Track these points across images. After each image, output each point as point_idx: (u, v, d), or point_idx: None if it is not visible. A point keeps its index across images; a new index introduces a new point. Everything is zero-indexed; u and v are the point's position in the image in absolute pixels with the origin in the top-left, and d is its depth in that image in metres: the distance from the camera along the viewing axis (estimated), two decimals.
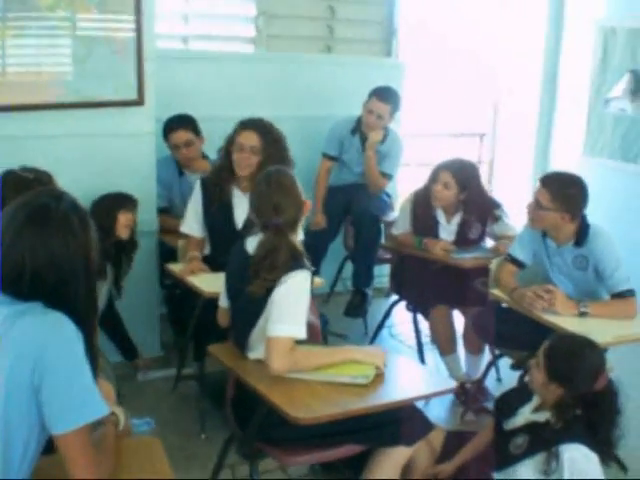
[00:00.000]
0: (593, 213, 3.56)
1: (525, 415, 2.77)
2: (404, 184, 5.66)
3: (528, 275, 3.73)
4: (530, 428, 2.70)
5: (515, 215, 5.76)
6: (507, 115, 6.39)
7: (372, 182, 4.84)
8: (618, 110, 5.41)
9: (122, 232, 3.74)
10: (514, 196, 6.18)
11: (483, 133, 7.19)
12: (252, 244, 2.79)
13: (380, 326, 4.67)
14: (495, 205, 4.24)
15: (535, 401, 2.77)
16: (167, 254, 4.15)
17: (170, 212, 4.46)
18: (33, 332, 1.75)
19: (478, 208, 4.16)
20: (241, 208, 3.76)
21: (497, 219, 4.22)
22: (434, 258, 4.12)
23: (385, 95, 4.73)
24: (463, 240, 4.19)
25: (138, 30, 3.92)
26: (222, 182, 3.73)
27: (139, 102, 4.02)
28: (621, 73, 5.37)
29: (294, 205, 2.75)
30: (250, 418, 2.70)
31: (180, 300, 3.91)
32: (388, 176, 4.91)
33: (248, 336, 2.76)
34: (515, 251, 3.70)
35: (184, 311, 3.80)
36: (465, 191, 4.09)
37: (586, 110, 5.68)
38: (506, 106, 6.38)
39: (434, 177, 4.15)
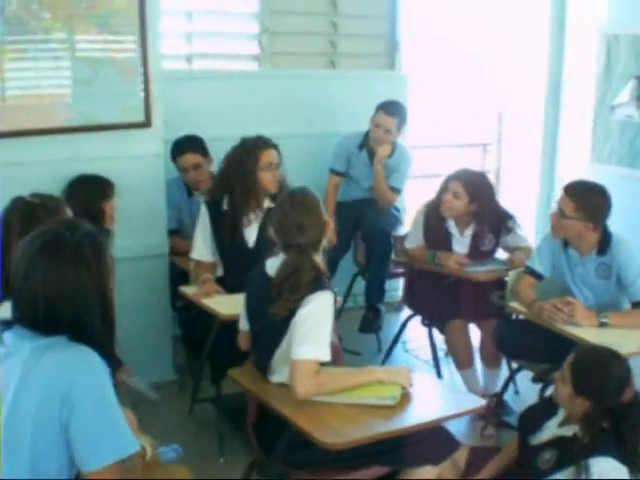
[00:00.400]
0: None
1: (551, 430, 2.73)
2: (410, 197, 5.63)
3: (546, 287, 3.70)
4: (557, 443, 2.66)
5: (523, 225, 5.75)
6: (512, 124, 6.36)
7: (381, 197, 4.81)
8: (625, 117, 5.38)
9: (109, 223, 3.67)
10: (521, 205, 6.16)
11: (486, 143, 7.19)
12: (272, 265, 2.75)
13: (395, 341, 4.63)
14: (508, 216, 4.20)
15: (561, 415, 2.74)
16: (178, 276, 4.11)
17: (180, 233, 4.42)
18: (60, 367, 1.72)
19: (490, 219, 4.13)
20: (251, 226, 3.74)
21: (510, 230, 4.18)
22: (448, 272, 4.09)
23: (392, 109, 4.72)
24: (476, 252, 4.15)
25: (144, 51, 3.91)
26: (247, 204, 3.69)
27: (146, 124, 4.00)
28: (626, 79, 5.34)
29: (317, 225, 2.72)
30: (273, 441, 2.66)
31: (195, 322, 3.87)
32: (397, 190, 4.88)
33: (270, 359, 2.72)
34: (534, 263, 3.68)
35: (199, 333, 3.75)
36: (476, 201, 4.05)
37: (592, 117, 5.65)
38: (511, 115, 6.35)
39: (444, 187, 4.12)
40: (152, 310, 4.15)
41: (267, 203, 3.76)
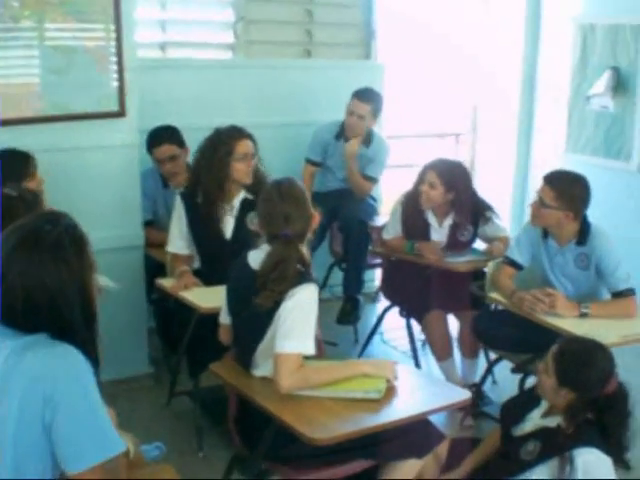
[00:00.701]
0: None
1: (534, 421, 2.73)
2: (385, 187, 5.61)
3: (525, 277, 3.70)
4: (541, 433, 2.66)
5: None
6: (487, 114, 6.35)
7: (357, 188, 4.79)
8: (600, 107, 5.40)
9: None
10: (496, 195, 6.16)
11: (459, 133, 7.18)
12: (255, 258, 2.71)
13: (372, 332, 4.61)
14: (486, 206, 4.19)
15: (544, 406, 2.73)
16: (154, 268, 4.06)
17: (155, 224, 4.36)
18: (42, 366, 1.66)
19: (468, 209, 4.11)
20: (226, 218, 3.70)
21: (488, 220, 4.17)
22: (427, 263, 4.07)
23: (365, 95, 4.69)
24: (455, 243, 4.14)
25: (118, 39, 3.83)
26: (221, 195, 3.64)
27: (121, 114, 3.92)
28: (601, 70, 5.36)
29: (304, 217, 2.69)
30: (255, 436, 2.63)
31: (171, 314, 3.81)
32: (373, 180, 4.86)
33: (253, 353, 2.68)
34: (513, 253, 3.68)
35: (176, 326, 3.70)
36: (452, 190, 4.03)
37: (567, 107, 5.67)
38: (486, 105, 6.34)
39: (421, 178, 4.10)
40: (127, 302, 4.08)
41: (242, 194, 3.72)
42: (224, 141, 3.62)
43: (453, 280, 4.03)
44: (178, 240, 3.73)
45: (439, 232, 4.16)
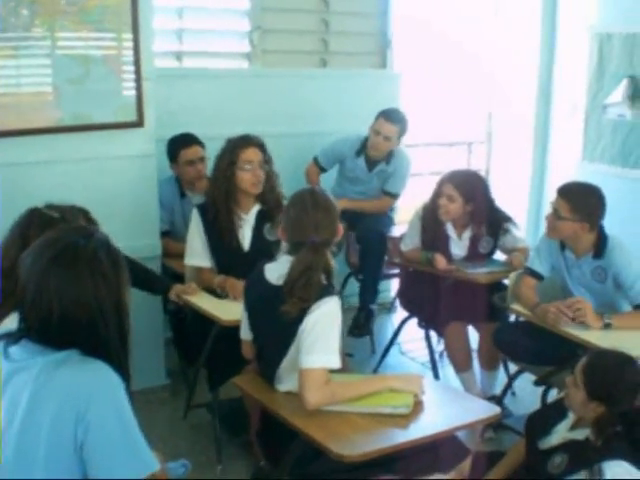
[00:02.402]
0: None
1: (561, 433, 2.68)
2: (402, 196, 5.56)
3: (546, 288, 3.67)
4: (569, 446, 2.62)
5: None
6: (503, 123, 6.31)
7: (376, 211, 4.80)
8: (617, 116, 5.35)
9: None
10: (512, 205, 6.12)
11: (472, 142, 7.14)
12: (272, 271, 2.67)
13: (390, 343, 4.57)
14: (505, 217, 4.15)
15: (571, 418, 2.69)
16: (171, 278, 4.02)
17: (172, 235, 4.33)
18: (74, 384, 1.63)
19: (488, 220, 4.08)
20: (244, 229, 3.67)
21: (507, 231, 4.13)
22: (443, 274, 4.03)
23: (393, 116, 4.65)
24: (475, 254, 4.11)
25: (136, 49, 3.82)
26: (232, 205, 3.61)
27: (139, 123, 3.91)
28: (618, 79, 5.31)
29: (332, 227, 2.66)
30: (278, 451, 2.59)
31: (188, 326, 3.77)
32: (393, 195, 4.84)
33: (277, 368, 2.64)
34: (533, 263, 3.65)
35: (193, 338, 3.66)
36: (471, 202, 4.00)
37: (583, 116, 5.63)
38: (501, 114, 6.30)
39: (438, 191, 4.06)
40: (144, 313, 4.03)
41: (258, 206, 3.69)
42: (229, 150, 3.59)
43: (472, 292, 3.98)
44: (200, 252, 3.68)
45: (459, 245, 4.12)
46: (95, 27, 3.75)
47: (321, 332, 2.49)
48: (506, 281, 3.89)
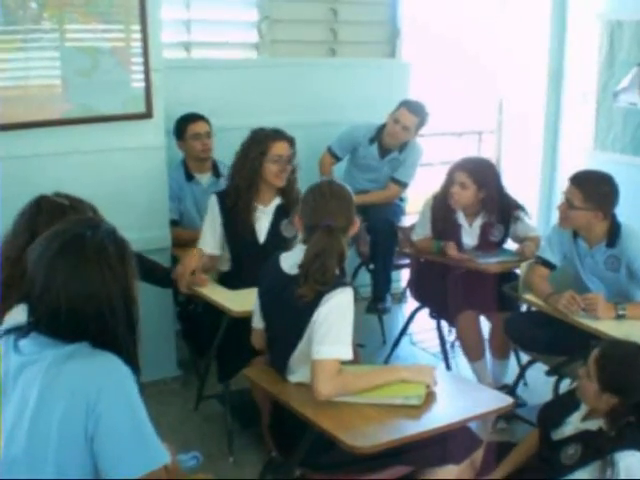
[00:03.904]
0: None
1: (574, 424, 2.67)
2: (411, 185, 5.53)
3: (558, 278, 3.64)
4: (582, 437, 2.60)
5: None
6: (513, 112, 6.28)
7: (384, 201, 4.79)
8: (628, 104, 5.32)
9: None
10: (523, 194, 6.09)
11: (482, 131, 7.10)
12: (287, 260, 2.66)
13: (401, 334, 4.56)
14: (516, 205, 4.13)
15: (584, 409, 2.67)
16: None
17: (182, 224, 4.32)
18: (85, 377, 1.62)
19: (499, 208, 4.06)
20: (262, 221, 3.67)
21: (518, 220, 4.11)
22: (455, 263, 4.01)
23: (415, 107, 4.64)
24: (486, 243, 4.08)
25: (144, 40, 3.79)
26: (253, 194, 3.61)
27: (148, 115, 3.89)
28: (629, 66, 5.28)
29: (347, 214, 2.65)
30: (290, 442, 2.59)
31: (198, 317, 3.77)
32: (402, 184, 4.81)
33: (288, 358, 2.63)
34: (545, 253, 3.63)
35: (204, 329, 3.66)
36: (483, 189, 3.98)
37: (594, 105, 5.59)
38: (512, 103, 6.27)
39: (450, 179, 4.04)
40: (154, 305, 4.04)
41: (278, 200, 3.69)
42: (260, 140, 3.59)
43: (483, 281, 3.95)
44: (211, 241, 3.68)
45: (470, 233, 4.10)
46: (103, 19, 3.73)
47: (333, 323, 2.48)
48: (518, 270, 3.87)
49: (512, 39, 6.09)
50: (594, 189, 3.37)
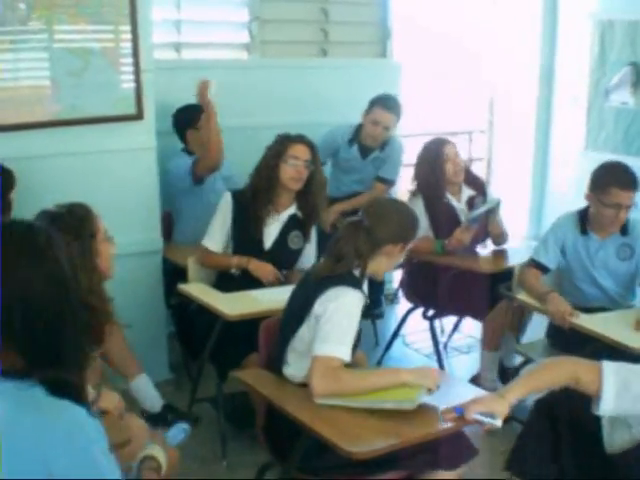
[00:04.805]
0: None
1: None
2: (399, 186, 5.51)
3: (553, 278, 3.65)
4: None
5: (514, 212, 5.69)
6: (504, 111, 6.28)
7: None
8: (619, 104, 5.33)
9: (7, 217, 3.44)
10: (514, 194, 6.10)
11: (472, 131, 7.10)
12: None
13: (394, 335, 4.54)
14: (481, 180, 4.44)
15: None
16: (172, 272, 4.00)
17: (176, 221, 4.34)
18: (36, 435, 1.41)
19: (474, 175, 4.34)
20: (272, 227, 3.65)
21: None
22: (449, 264, 4.01)
23: (391, 104, 4.60)
24: None
25: (134, 41, 3.78)
26: (271, 197, 3.60)
27: (138, 116, 3.87)
28: (620, 66, 5.30)
29: (390, 232, 2.65)
30: (285, 445, 2.56)
31: (192, 320, 3.74)
32: (387, 181, 4.79)
33: (286, 347, 2.65)
34: (539, 255, 3.63)
35: (199, 331, 3.63)
36: (464, 160, 4.30)
37: (586, 104, 5.60)
38: (503, 102, 6.27)
39: (442, 158, 4.10)
40: (146, 308, 4.03)
41: (292, 209, 3.67)
42: (278, 142, 3.60)
43: (475, 283, 3.97)
44: (219, 236, 3.64)
45: (463, 211, 4.18)
46: (93, 19, 3.70)
47: (339, 323, 2.50)
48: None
49: (503, 38, 6.09)
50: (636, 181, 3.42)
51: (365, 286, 2.71)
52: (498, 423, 2.32)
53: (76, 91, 3.69)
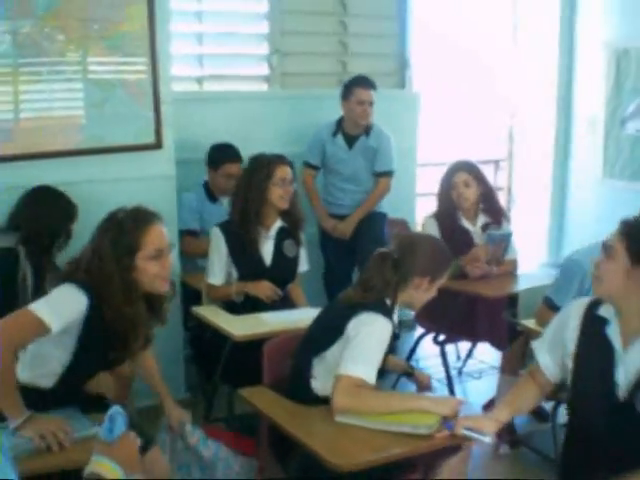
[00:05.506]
0: None
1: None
2: (419, 213, 5.58)
3: None
4: None
5: (532, 241, 5.72)
6: (523, 140, 6.34)
7: (378, 201, 4.91)
8: (636, 131, 5.37)
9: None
10: (534, 222, 6.15)
11: (499, 159, 7.14)
12: None
13: (407, 359, 4.59)
14: (503, 211, 4.43)
15: (615, 329, 2.37)
16: (190, 296, 4.11)
17: (200, 236, 4.46)
18: None
19: (494, 204, 4.34)
20: (266, 244, 3.78)
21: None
22: (460, 289, 4.05)
23: (368, 81, 4.75)
24: None
25: (154, 73, 3.94)
26: (260, 218, 3.73)
27: (157, 146, 4.02)
28: (636, 94, 5.35)
29: (417, 264, 2.71)
30: (288, 460, 2.65)
31: (207, 342, 3.85)
32: (388, 173, 4.87)
33: (310, 365, 2.74)
34: (557, 297, 3.37)
35: (213, 353, 3.74)
36: (482, 184, 4.26)
37: (602, 132, 5.64)
38: (522, 132, 6.33)
39: (449, 185, 4.23)
40: (164, 330, 4.11)
41: (279, 222, 3.80)
42: (264, 164, 3.72)
43: (487, 308, 4.03)
44: (217, 271, 3.78)
45: (478, 235, 4.26)
46: (117, 52, 3.88)
47: (369, 346, 2.59)
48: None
49: (522, 68, 6.17)
50: None
51: (396, 316, 2.78)
52: (487, 439, 2.40)
53: (98, 121, 3.87)
